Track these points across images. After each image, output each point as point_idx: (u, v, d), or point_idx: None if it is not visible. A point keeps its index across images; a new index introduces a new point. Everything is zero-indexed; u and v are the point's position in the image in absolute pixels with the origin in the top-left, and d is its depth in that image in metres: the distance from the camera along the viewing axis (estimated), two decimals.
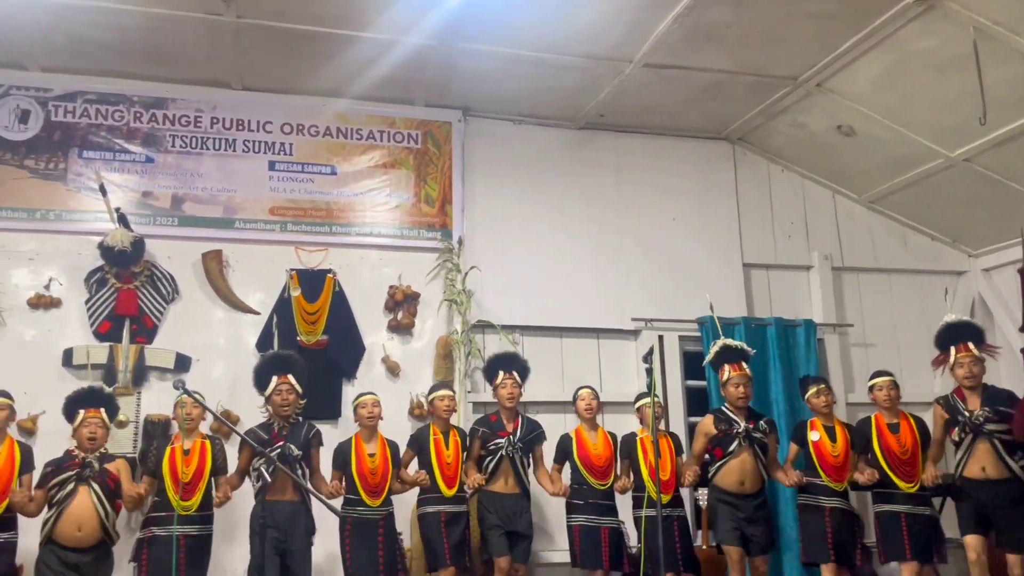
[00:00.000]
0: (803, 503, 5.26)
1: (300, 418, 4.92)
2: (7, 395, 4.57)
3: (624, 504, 5.27)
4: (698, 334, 6.44)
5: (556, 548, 5.70)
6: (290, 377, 4.86)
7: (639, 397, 5.43)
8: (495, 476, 5.11)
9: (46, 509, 4.40)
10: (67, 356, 5.39)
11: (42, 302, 5.44)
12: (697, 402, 6.35)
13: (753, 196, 7.05)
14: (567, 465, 5.31)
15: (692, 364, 6.40)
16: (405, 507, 5.24)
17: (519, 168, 6.54)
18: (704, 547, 5.54)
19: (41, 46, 5.42)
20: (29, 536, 4.47)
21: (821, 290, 6.93)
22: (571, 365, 6.31)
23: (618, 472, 5.26)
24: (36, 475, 4.50)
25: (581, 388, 5.37)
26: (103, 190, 5.57)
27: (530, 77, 5.97)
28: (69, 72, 5.72)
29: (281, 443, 4.67)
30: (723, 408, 5.30)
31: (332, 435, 5.29)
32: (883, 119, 6.05)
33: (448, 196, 6.33)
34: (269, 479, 4.20)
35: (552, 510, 5.55)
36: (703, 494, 5.39)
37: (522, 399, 5.61)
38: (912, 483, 5.06)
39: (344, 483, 4.86)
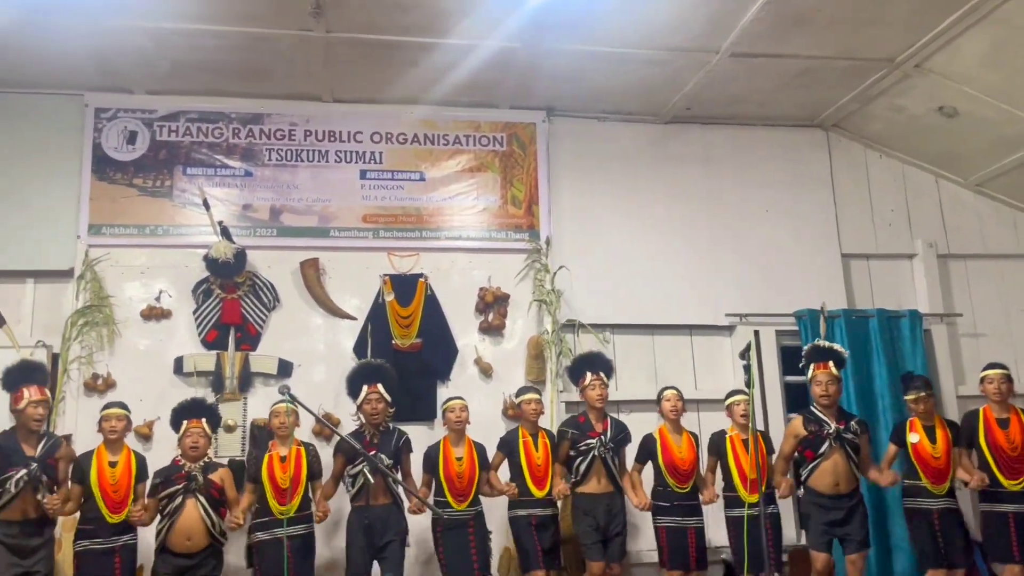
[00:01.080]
0: (908, 507, 5.11)
1: (391, 425, 5.04)
2: (124, 406, 4.83)
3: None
4: (796, 328, 6.26)
5: (649, 548, 5.65)
6: (379, 386, 4.98)
7: (729, 395, 5.33)
8: (587, 477, 5.12)
9: (158, 519, 4.62)
10: (178, 364, 5.65)
11: (153, 313, 5.73)
12: (797, 398, 6.18)
13: (850, 184, 6.81)
14: (649, 466, 5.27)
15: (790, 359, 6.23)
16: (496, 508, 5.28)
17: (605, 166, 6.51)
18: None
19: (146, 71, 5.71)
20: (148, 536, 4.73)
21: (926, 279, 6.64)
22: (663, 363, 6.25)
23: (702, 471, 5.22)
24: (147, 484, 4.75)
25: (666, 388, 5.32)
26: (206, 205, 5.82)
27: (613, 74, 5.93)
28: (172, 93, 6.01)
29: (373, 452, 4.79)
30: (812, 408, 5.15)
31: (428, 436, 5.41)
32: (989, 98, 5.75)
33: (534, 197, 6.35)
34: (372, 480, 4.32)
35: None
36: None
37: (614, 398, 5.61)
38: (1020, 481, 4.82)
39: (432, 487, 4.98)
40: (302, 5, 4.94)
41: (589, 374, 5.26)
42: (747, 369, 4.56)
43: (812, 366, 5.14)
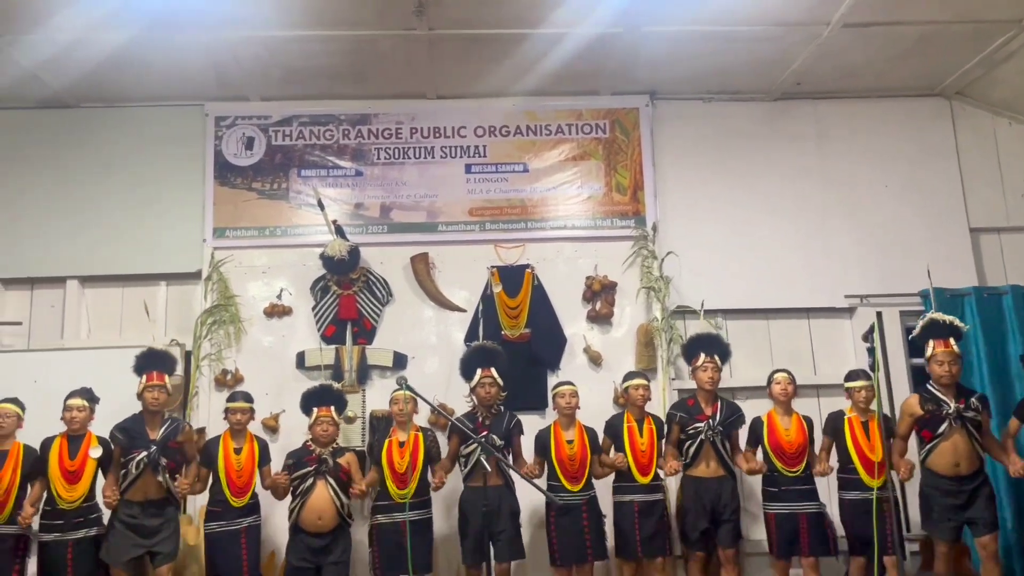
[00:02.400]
0: None
1: (502, 408, 5.12)
2: (248, 398, 5.08)
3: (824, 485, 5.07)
4: (922, 308, 5.96)
5: (763, 534, 5.50)
6: (493, 370, 5.07)
7: (848, 377, 5.14)
8: (697, 460, 5.06)
9: (291, 499, 4.88)
10: (300, 359, 5.89)
11: (276, 311, 5.99)
12: (924, 380, 5.87)
13: (977, 154, 6.41)
14: (759, 450, 5.15)
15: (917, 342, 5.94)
16: (606, 491, 5.26)
17: (712, 147, 6.37)
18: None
19: (260, 78, 5.96)
20: (274, 520, 4.95)
21: None
22: (780, 348, 6.07)
23: (816, 452, 5.07)
24: (273, 466, 5.01)
25: (777, 371, 5.19)
26: (321, 205, 6.04)
27: (719, 53, 5.79)
28: (284, 99, 6.25)
29: (485, 433, 4.89)
30: (929, 386, 4.90)
31: (539, 425, 5.41)
32: None
33: (639, 183, 6.28)
34: (488, 468, 4.40)
35: (756, 495, 5.37)
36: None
37: (728, 385, 5.50)
38: None
39: (545, 469, 5.02)
40: (405, 5, 5.04)
41: (702, 355, 5.18)
42: (871, 352, 4.41)
43: (932, 342, 4.89)
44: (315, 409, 4.95)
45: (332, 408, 4.97)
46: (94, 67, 5.61)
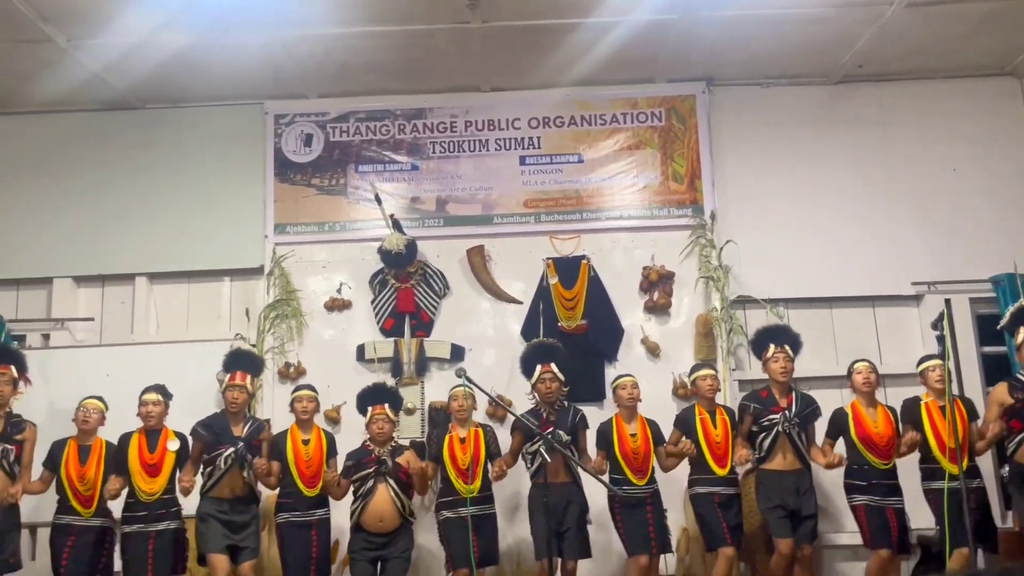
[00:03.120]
0: None
1: (566, 403, 5.09)
2: (313, 388, 5.17)
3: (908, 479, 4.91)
4: (993, 295, 5.77)
5: (841, 530, 5.40)
6: (552, 366, 5.04)
7: (922, 360, 4.99)
8: (772, 453, 4.95)
9: (351, 499, 4.90)
10: (359, 352, 5.97)
11: (335, 304, 6.08)
12: (996, 369, 5.70)
13: None
14: (841, 443, 5.00)
15: (988, 328, 5.76)
16: (672, 486, 5.22)
17: (771, 133, 6.25)
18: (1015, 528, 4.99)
19: (317, 76, 6.04)
20: (342, 512, 5.05)
21: None
22: (844, 337, 5.94)
23: (900, 438, 4.89)
24: (339, 459, 5.05)
25: (857, 361, 5.03)
26: (378, 199, 6.10)
27: (777, 36, 5.67)
28: (341, 95, 6.31)
29: (550, 429, 4.87)
30: (1019, 375, 4.73)
31: (597, 417, 5.39)
32: None
33: (697, 171, 6.20)
34: (548, 459, 4.39)
35: (835, 488, 5.24)
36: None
37: (793, 374, 5.39)
38: None
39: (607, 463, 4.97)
40: None
41: (772, 346, 5.07)
42: (941, 340, 4.27)
43: (1021, 330, 4.72)
44: (370, 408, 4.96)
45: (387, 405, 4.96)
46: (157, 69, 5.75)
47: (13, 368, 4.91)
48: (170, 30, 5.27)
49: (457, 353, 5.97)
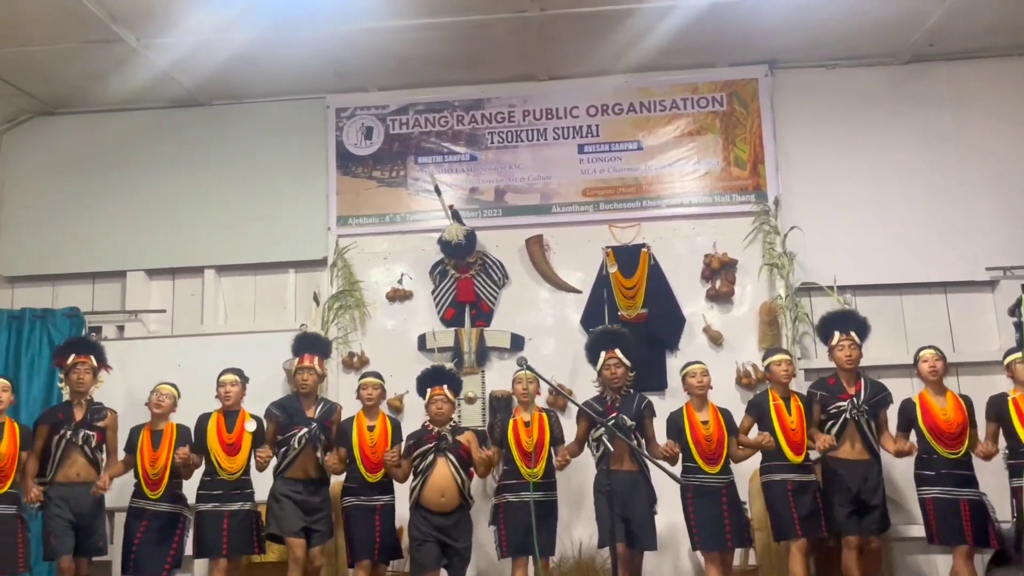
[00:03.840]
0: None
1: (631, 390, 5.05)
2: (379, 375, 5.24)
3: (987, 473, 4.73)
4: None
5: (914, 522, 5.25)
6: (618, 351, 5.00)
7: (1008, 353, 4.79)
8: (839, 442, 4.82)
9: (412, 477, 4.97)
10: (421, 341, 6.04)
11: (397, 295, 6.15)
12: None
13: None
14: (912, 434, 4.85)
15: None
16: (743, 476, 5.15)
17: (837, 116, 6.09)
18: None
19: (377, 69, 6.11)
20: (404, 499, 5.11)
21: None
22: (915, 325, 5.78)
23: (981, 437, 4.71)
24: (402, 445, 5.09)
25: (923, 349, 4.87)
26: (438, 191, 6.15)
27: (843, 16, 5.52)
28: (400, 88, 6.37)
29: (615, 415, 4.84)
30: None
31: (659, 406, 5.32)
32: None
33: (760, 156, 6.08)
34: (611, 448, 4.37)
35: (907, 480, 5.09)
36: None
37: (860, 363, 5.26)
38: None
39: (679, 449, 4.87)
40: None
41: (837, 334, 4.95)
42: (1019, 327, 4.10)
43: None
44: (429, 389, 5.02)
45: (445, 387, 5.01)
46: (222, 66, 5.88)
47: (93, 358, 5.12)
48: (234, 27, 5.39)
49: (517, 342, 5.98)
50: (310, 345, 5.19)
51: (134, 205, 6.38)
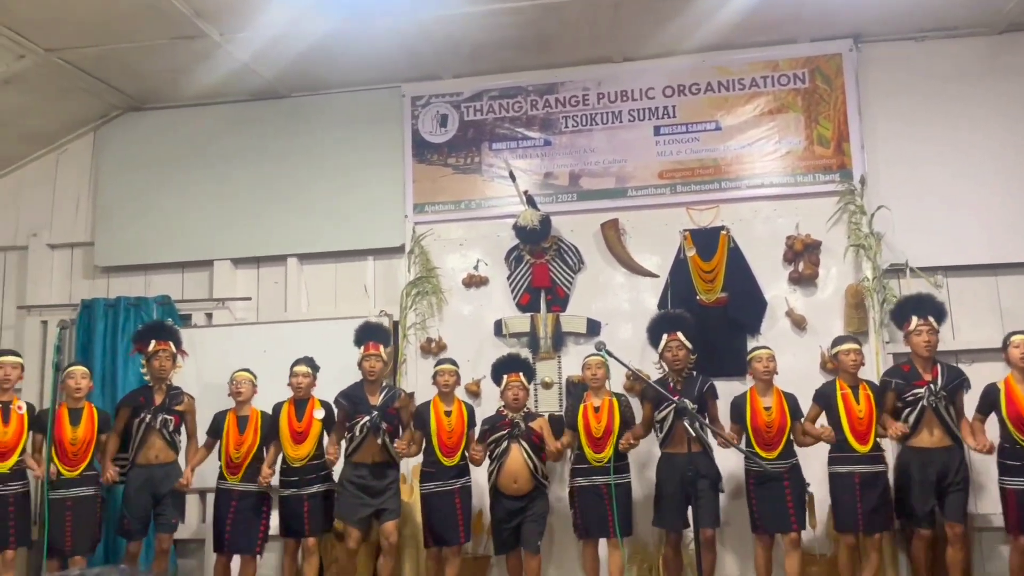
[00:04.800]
0: None
1: (694, 372, 5.02)
2: (454, 362, 5.30)
3: None
4: None
5: (994, 511, 5.03)
6: (679, 334, 4.99)
7: None
8: (917, 429, 4.71)
9: (488, 463, 5.07)
10: (497, 327, 6.06)
11: (473, 281, 6.19)
12: None
13: None
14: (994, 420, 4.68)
15: None
16: (812, 461, 5.03)
17: (926, 90, 5.85)
18: None
19: (451, 56, 6.13)
20: (482, 482, 5.19)
21: None
22: (1011, 306, 5.54)
23: None
24: (476, 431, 5.19)
25: (1014, 334, 4.69)
26: (512, 176, 6.14)
27: None
28: (474, 75, 6.38)
29: (676, 397, 4.80)
30: None
31: (741, 391, 5.25)
32: None
33: (844, 134, 5.88)
34: (693, 433, 4.33)
35: (992, 466, 4.89)
36: None
37: (950, 347, 5.09)
38: None
39: (743, 435, 4.89)
40: None
41: (915, 318, 4.81)
42: None
43: None
44: (505, 376, 5.09)
45: (521, 374, 5.09)
46: (300, 57, 5.98)
47: (172, 344, 5.33)
48: (312, 19, 5.48)
49: (593, 328, 5.96)
50: (373, 333, 5.28)
51: (219, 196, 6.57)
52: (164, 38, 5.68)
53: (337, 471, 5.21)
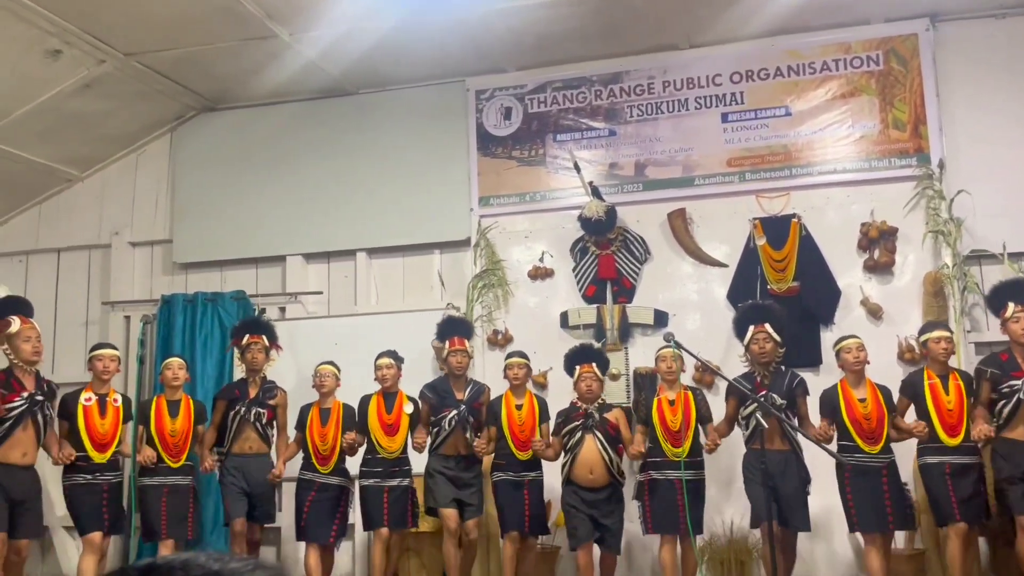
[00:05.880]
0: None
1: (783, 367, 4.89)
2: (524, 355, 5.33)
3: None
4: None
5: None
6: (767, 326, 4.85)
7: None
8: (1012, 422, 4.48)
9: (563, 454, 5.05)
10: (563, 319, 6.06)
11: (538, 273, 6.20)
12: None
13: None
14: None
15: None
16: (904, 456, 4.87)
17: (1009, 69, 5.61)
18: None
19: (514, 49, 6.14)
20: (553, 476, 5.19)
21: None
22: None
23: None
24: (551, 423, 5.18)
25: None
26: (577, 167, 6.12)
27: None
28: (538, 67, 6.37)
29: (764, 392, 4.70)
30: None
31: (813, 383, 5.13)
32: None
33: (921, 116, 5.68)
34: (764, 424, 4.25)
35: None
36: None
37: None
38: None
39: (835, 429, 4.69)
40: None
41: (1012, 305, 4.57)
42: None
43: None
44: (577, 367, 5.06)
45: (594, 364, 5.06)
46: (366, 53, 6.06)
47: (265, 337, 5.45)
48: (376, 16, 5.55)
49: (660, 319, 5.90)
50: (457, 328, 5.34)
51: (290, 192, 6.72)
52: (236, 40, 5.82)
53: (417, 467, 5.25)
